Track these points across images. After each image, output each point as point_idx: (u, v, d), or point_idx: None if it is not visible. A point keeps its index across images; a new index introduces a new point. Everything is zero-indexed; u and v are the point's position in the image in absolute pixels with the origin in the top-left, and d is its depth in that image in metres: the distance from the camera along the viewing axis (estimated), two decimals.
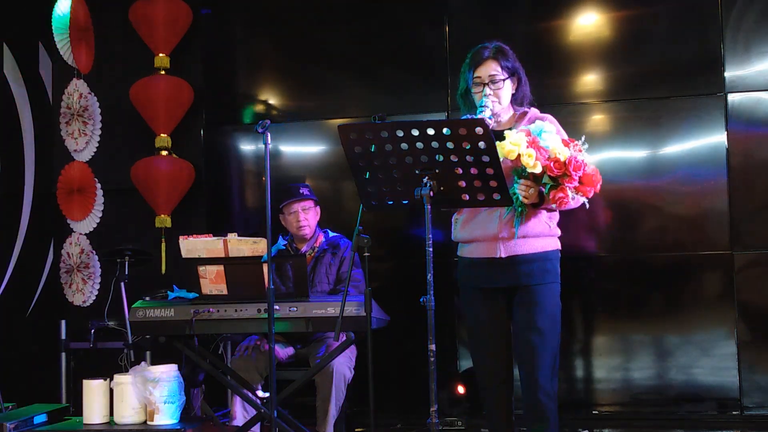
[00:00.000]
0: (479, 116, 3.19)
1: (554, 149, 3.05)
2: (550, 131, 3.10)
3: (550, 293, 3.29)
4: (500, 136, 3.30)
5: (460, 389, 5.09)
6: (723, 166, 4.93)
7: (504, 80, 3.32)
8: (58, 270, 5.78)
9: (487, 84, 3.32)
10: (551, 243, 3.33)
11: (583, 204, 3.19)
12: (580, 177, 3.06)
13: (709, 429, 4.81)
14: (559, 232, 3.38)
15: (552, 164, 3.04)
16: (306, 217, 4.55)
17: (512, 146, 3.02)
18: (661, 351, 5.01)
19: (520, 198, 3.14)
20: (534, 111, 3.41)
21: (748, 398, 4.86)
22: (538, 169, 3.04)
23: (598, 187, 3.13)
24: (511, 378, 3.38)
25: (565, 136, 3.28)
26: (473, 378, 5.05)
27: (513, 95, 3.40)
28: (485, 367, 3.36)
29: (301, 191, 4.58)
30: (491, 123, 3.25)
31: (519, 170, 3.13)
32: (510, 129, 3.27)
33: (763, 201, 4.91)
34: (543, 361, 3.22)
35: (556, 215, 3.37)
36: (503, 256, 3.26)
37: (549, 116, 3.39)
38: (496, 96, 3.32)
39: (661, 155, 5.06)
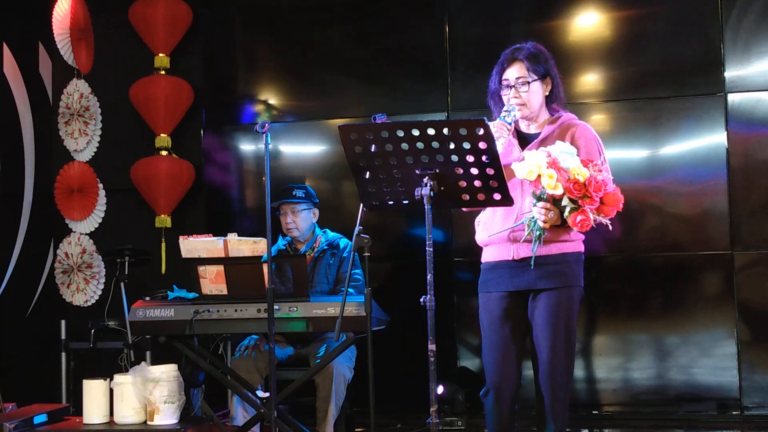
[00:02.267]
0: (498, 120, 3.15)
1: (573, 170, 2.95)
2: (570, 152, 3.00)
3: (566, 297, 3.19)
4: (532, 138, 3.26)
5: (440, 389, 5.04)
6: (723, 167, 4.93)
7: (531, 83, 3.25)
8: (61, 270, 5.77)
9: (514, 87, 3.26)
10: (569, 245, 3.22)
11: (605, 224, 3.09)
12: (601, 197, 2.96)
13: (709, 429, 4.81)
14: (581, 236, 3.27)
15: (572, 186, 2.94)
16: (294, 219, 4.53)
17: (533, 167, 2.94)
18: (661, 351, 5.01)
19: (539, 223, 3.04)
20: (567, 116, 3.32)
21: (748, 398, 4.86)
22: (559, 191, 2.95)
23: (621, 206, 3.03)
24: (517, 384, 3.29)
25: (598, 145, 3.20)
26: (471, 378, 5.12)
27: (547, 97, 3.32)
28: (494, 372, 3.28)
29: (293, 193, 4.54)
30: (511, 128, 3.18)
31: (537, 193, 3.02)
32: (539, 132, 3.25)
33: (763, 201, 4.92)
34: (557, 366, 3.17)
35: None
36: (516, 258, 3.21)
37: (582, 124, 3.29)
38: (524, 99, 3.25)
39: (661, 155, 5.06)
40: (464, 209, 3.46)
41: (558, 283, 3.18)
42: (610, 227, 3.09)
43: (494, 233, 3.25)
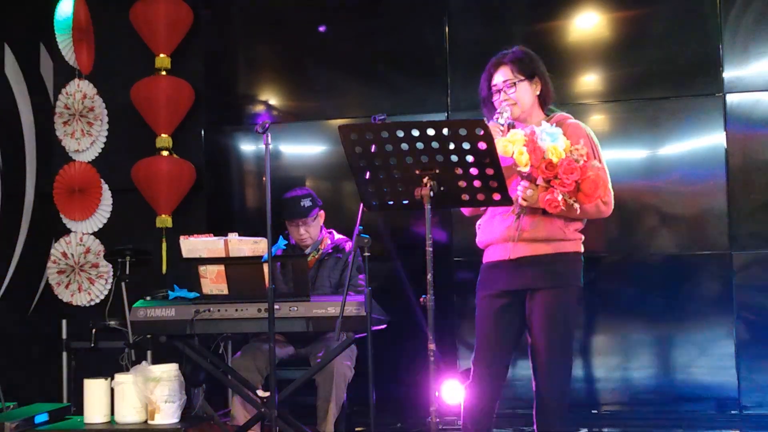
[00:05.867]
0: (491, 123, 3.16)
1: (549, 149, 2.98)
2: (553, 133, 3.03)
3: (563, 296, 3.18)
4: None
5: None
6: (722, 167, 4.94)
7: (519, 83, 3.26)
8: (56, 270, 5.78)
9: (503, 90, 3.28)
10: (567, 245, 3.21)
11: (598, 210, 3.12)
12: (577, 182, 2.97)
13: (708, 428, 4.82)
14: (579, 236, 3.26)
15: (544, 165, 2.98)
16: (307, 229, 4.51)
17: (507, 143, 2.98)
18: (660, 350, 5.02)
19: (520, 200, 3.08)
20: (561, 115, 3.33)
21: (746, 397, 4.87)
22: (527, 168, 2.99)
23: (603, 193, 3.03)
24: (500, 383, 3.27)
25: (591, 142, 3.19)
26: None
27: (540, 97, 3.33)
28: (480, 365, 3.27)
29: (302, 204, 4.47)
30: (504, 129, 3.18)
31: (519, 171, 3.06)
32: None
33: (761, 201, 4.93)
34: (554, 367, 3.16)
35: (577, 222, 3.24)
36: (512, 257, 3.21)
37: (574, 122, 3.29)
38: (514, 99, 3.26)
39: (660, 155, 5.07)
40: (466, 213, 3.48)
41: (555, 283, 3.18)
42: (578, 211, 3.05)
43: (491, 234, 3.27)
